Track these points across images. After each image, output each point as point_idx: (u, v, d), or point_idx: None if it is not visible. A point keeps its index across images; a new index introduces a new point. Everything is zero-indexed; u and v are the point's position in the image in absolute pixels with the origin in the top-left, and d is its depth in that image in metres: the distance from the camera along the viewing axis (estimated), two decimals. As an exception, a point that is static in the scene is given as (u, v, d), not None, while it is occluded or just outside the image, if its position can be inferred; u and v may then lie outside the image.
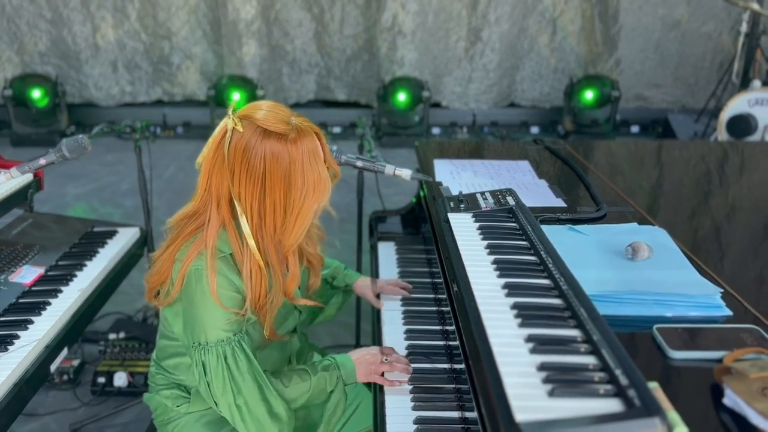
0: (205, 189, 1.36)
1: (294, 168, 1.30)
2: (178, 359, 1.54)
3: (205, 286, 1.31)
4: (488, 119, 6.22)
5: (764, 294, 1.37)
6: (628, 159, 2.40)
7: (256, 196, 1.31)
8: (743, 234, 1.72)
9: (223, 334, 1.34)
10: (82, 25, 5.91)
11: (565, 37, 6.11)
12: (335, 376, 1.49)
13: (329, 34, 6.04)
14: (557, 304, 1.13)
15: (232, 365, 1.34)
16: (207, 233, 1.33)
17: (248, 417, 1.35)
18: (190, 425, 1.55)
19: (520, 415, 0.85)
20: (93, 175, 5.03)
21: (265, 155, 1.28)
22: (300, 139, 1.31)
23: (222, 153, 1.31)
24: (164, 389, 1.59)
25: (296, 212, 1.34)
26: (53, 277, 1.94)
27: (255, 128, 1.29)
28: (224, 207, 1.34)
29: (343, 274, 1.84)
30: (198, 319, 1.34)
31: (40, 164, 1.66)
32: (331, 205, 1.48)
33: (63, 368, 2.65)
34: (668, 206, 1.92)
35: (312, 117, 1.44)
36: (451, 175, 2.00)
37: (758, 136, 4.37)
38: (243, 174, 1.30)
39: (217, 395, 1.35)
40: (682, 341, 1.10)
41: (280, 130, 1.29)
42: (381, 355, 1.53)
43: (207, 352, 1.34)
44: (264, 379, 1.37)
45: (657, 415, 0.81)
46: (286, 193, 1.31)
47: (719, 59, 6.02)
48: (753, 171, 2.30)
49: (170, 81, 6.20)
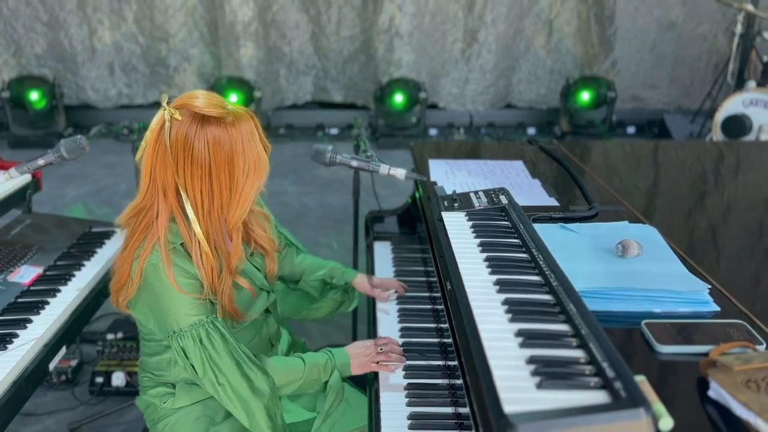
0: (149, 182, 1.40)
1: (236, 149, 1.35)
2: (158, 357, 1.57)
3: (164, 278, 1.36)
4: (485, 120, 6.24)
5: (760, 293, 1.39)
6: (623, 159, 2.42)
7: (204, 180, 1.36)
8: (738, 233, 1.74)
9: (194, 318, 1.39)
10: (78, 28, 5.93)
11: (561, 38, 6.14)
12: (330, 366, 1.52)
13: (326, 36, 6.07)
14: (547, 299, 1.15)
15: (208, 346, 1.38)
16: (157, 226, 1.38)
17: (232, 395, 1.39)
18: (180, 422, 1.57)
19: (508, 406, 0.87)
20: (92, 176, 5.05)
21: (207, 140, 1.33)
22: (237, 121, 1.36)
23: (163, 144, 1.35)
24: (151, 389, 1.62)
25: (239, 191, 1.39)
26: (52, 277, 1.95)
27: (193, 115, 1.34)
28: (171, 197, 1.38)
29: (341, 272, 1.87)
30: (166, 310, 1.39)
31: (38, 165, 1.68)
32: (325, 203, 1.52)
33: (61, 368, 2.66)
34: (664, 206, 1.94)
35: (309, 118, 1.50)
36: (445, 174, 2.02)
37: (753, 137, 4.40)
38: (188, 161, 1.34)
39: (200, 377, 1.40)
40: (669, 336, 1.13)
41: (218, 114, 1.34)
42: (376, 347, 1.56)
43: (183, 337, 1.38)
44: (242, 355, 1.41)
45: (642, 406, 0.83)
46: (230, 175, 1.36)
47: (714, 60, 6.06)
48: (748, 170, 2.33)
49: (167, 83, 6.22)
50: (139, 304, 1.45)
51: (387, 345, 1.57)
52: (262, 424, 1.41)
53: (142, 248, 1.39)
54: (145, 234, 1.40)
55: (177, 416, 1.57)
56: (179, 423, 1.57)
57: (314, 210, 4.42)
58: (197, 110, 1.34)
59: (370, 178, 2.40)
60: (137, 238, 1.41)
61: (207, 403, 1.57)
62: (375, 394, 1.51)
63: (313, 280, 1.85)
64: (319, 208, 4.49)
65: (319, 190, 4.76)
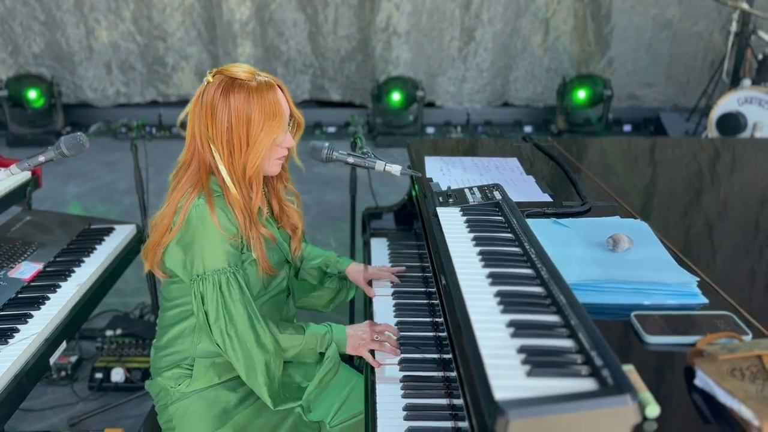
0: (191, 138, 1.55)
1: (253, 108, 1.49)
2: (180, 326, 1.63)
3: (207, 217, 1.48)
4: (482, 118, 6.27)
5: (756, 289, 1.41)
6: (619, 156, 2.45)
7: (224, 135, 1.50)
8: (734, 230, 1.76)
9: (220, 264, 1.49)
10: (75, 28, 5.94)
11: (557, 36, 6.16)
12: (328, 338, 1.62)
13: (323, 35, 6.09)
14: (538, 291, 1.18)
15: (225, 293, 1.48)
16: (201, 176, 1.52)
17: (237, 345, 1.49)
18: (192, 406, 1.60)
19: (499, 393, 0.90)
20: (91, 174, 5.07)
21: (229, 102, 1.49)
22: (261, 87, 1.51)
23: (200, 104, 1.52)
24: (166, 371, 1.65)
25: (255, 139, 1.51)
26: (52, 273, 1.98)
27: (222, 79, 1.51)
28: (207, 151, 1.53)
29: (335, 261, 1.95)
30: (198, 249, 1.49)
31: (39, 161, 1.70)
32: (322, 201, 1.61)
33: (60, 365, 2.69)
34: (660, 203, 1.96)
35: (307, 117, 1.58)
36: (441, 171, 2.04)
37: (747, 134, 4.42)
38: (213, 118, 1.50)
39: (211, 322, 1.50)
40: (658, 327, 1.15)
41: (243, 77, 1.51)
42: (372, 334, 1.63)
43: (204, 281, 1.48)
44: (254, 310, 1.51)
45: (628, 393, 0.86)
46: (248, 130, 1.50)
47: (710, 58, 6.09)
48: (743, 167, 2.35)
49: (165, 82, 6.24)
50: (174, 248, 1.53)
51: (383, 335, 1.64)
52: (260, 379, 1.50)
53: (186, 197, 1.51)
54: (188, 186, 1.52)
55: (190, 400, 1.61)
56: (192, 407, 1.61)
57: (312, 207, 4.45)
58: (227, 73, 1.51)
59: (367, 176, 2.42)
60: (179, 190, 1.53)
61: (220, 389, 1.62)
62: (371, 385, 1.53)
63: (310, 267, 1.92)
64: (316, 205, 4.51)
65: (317, 188, 4.78)
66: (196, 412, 1.60)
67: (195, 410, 1.60)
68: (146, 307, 3.13)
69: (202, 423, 1.59)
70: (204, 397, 1.61)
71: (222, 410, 1.60)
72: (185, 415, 1.61)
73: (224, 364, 1.60)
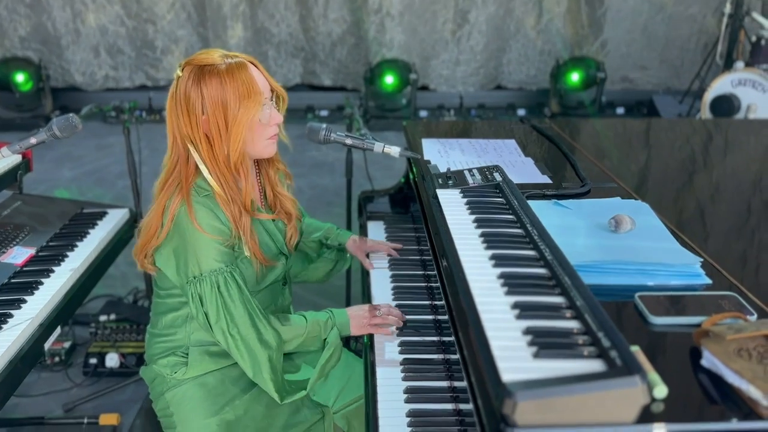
0: (172, 140, 1.50)
1: (227, 90, 1.44)
2: (173, 314, 1.60)
3: (196, 220, 1.44)
4: (475, 102, 6.24)
5: (748, 270, 1.40)
6: (614, 138, 2.43)
7: (201, 125, 1.46)
8: (727, 212, 1.76)
9: (216, 264, 1.45)
10: (61, 10, 5.85)
11: (551, 18, 6.13)
12: (330, 324, 1.59)
13: (313, 18, 6.02)
14: (542, 273, 1.17)
15: (224, 293, 1.45)
16: (186, 177, 1.47)
17: (241, 344, 1.46)
18: (189, 392, 1.59)
19: (506, 375, 0.89)
20: (82, 158, 5.02)
21: (202, 90, 1.44)
22: (230, 66, 1.45)
23: (174, 101, 1.48)
24: (161, 358, 1.63)
25: (233, 123, 1.46)
26: (45, 258, 1.95)
27: (191, 69, 1.46)
28: (189, 148, 1.48)
29: (335, 234, 1.94)
30: (191, 252, 1.46)
31: (30, 143, 1.67)
32: (316, 185, 1.59)
33: (54, 350, 2.67)
34: (654, 183, 1.96)
35: (299, 100, 1.55)
36: (438, 153, 2.02)
37: (741, 116, 4.42)
38: (187, 110, 1.46)
39: (213, 323, 1.47)
40: (662, 308, 1.14)
41: (212, 62, 1.45)
42: (373, 311, 1.63)
43: (201, 282, 1.45)
44: (254, 308, 1.48)
45: (637, 374, 0.85)
46: (224, 114, 1.45)
47: (704, 41, 6.07)
48: (737, 148, 2.35)
49: (154, 65, 6.16)
50: (164, 250, 1.49)
51: (383, 309, 1.64)
52: (266, 375, 1.47)
53: (172, 200, 1.47)
54: (175, 187, 1.48)
55: (187, 386, 1.59)
56: (188, 393, 1.59)
57: (305, 192, 4.42)
58: (198, 62, 1.46)
59: (362, 159, 2.40)
60: (166, 191, 1.49)
61: (218, 374, 1.60)
62: (371, 368, 1.52)
63: (311, 241, 1.91)
64: (309, 189, 4.48)
65: (310, 171, 4.75)
66: (194, 398, 1.58)
67: (192, 396, 1.58)
68: (140, 292, 3.11)
69: (201, 409, 1.57)
70: (202, 383, 1.59)
71: (221, 395, 1.58)
72: (183, 402, 1.59)
73: (220, 352, 1.58)
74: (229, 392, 1.59)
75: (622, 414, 0.85)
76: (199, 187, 1.48)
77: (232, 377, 1.60)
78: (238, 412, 1.57)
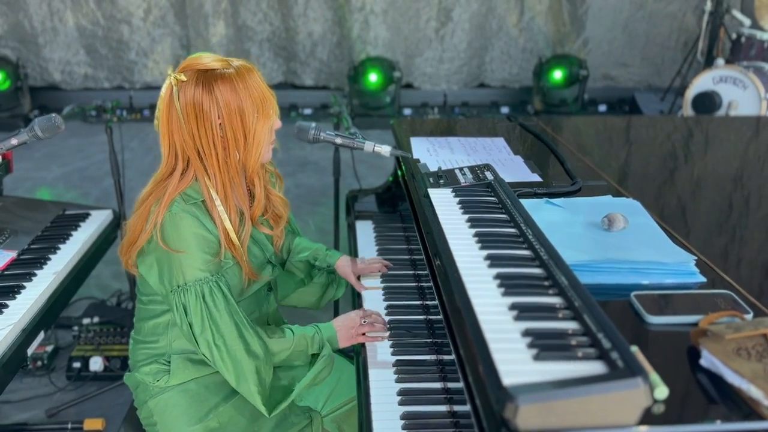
0: (169, 149, 1.44)
1: (243, 100, 1.40)
2: (155, 321, 1.56)
3: (182, 228, 1.40)
4: (459, 100, 6.24)
5: (729, 266, 1.40)
6: (596, 135, 2.44)
7: (218, 134, 1.41)
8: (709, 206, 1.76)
9: (201, 274, 1.41)
10: (38, 8, 5.75)
11: (533, 17, 6.14)
12: (318, 339, 1.54)
13: (293, 18, 5.96)
14: (538, 273, 1.16)
15: (210, 303, 1.40)
16: (176, 185, 1.42)
17: (226, 356, 1.41)
18: (172, 400, 1.55)
19: (507, 378, 0.87)
20: (63, 159, 4.95)
21: (215, 96, 1.38)
22: (241, 72, 1.41)
23: (175, 110, 1.40)
24: (144, 365, 1.60)
25: (252, 135, 1.44)
26: (26, 261, 1.90)
27: (198, 73, 1.39)
28: (194, 159, 1.43)
29: (324, 255, 1.85)
30: (175, 261, 1.40)
31: (11, 144, 1.62)
32: (301, 184, 1.56)
33: (37, 354, 2.61)
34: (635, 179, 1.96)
35: (282, 98, 1.51)
36: (428, 152, 2.01)
37: (723, 113, 4.47)
38: (200, 120, 1.39)
39: (197, 334, 1.41)
40: (658, 307, 1.14)
41: (220, 67, 1.40)
42: (359, 318, 1.59)
43: (186, 292, 1.40)
44: (241, 318, 1.43)
45: (640, 375, 0.84)
46: (242, 123, 1.42)
47: (684, 38, 6.12)
48: (718, 145, 2.36)
49: (133, 63, 6.07)
50: (148, 256, 1.45)
51: (371, 317, 1.60)
52: (252, 386, 1.43)
53: (158, 204, 1.41)
54: (163, 191, 1.43)
55: (170, 394, 1.56)
56: (172, 401, 1.55)
57: (291, 191, 4.38)
58: (201, 66, 1.39)
59: (350, 158, 2.38)
60: (153, 195, 1.43)
61: (201, 381, 1.56)
62: (364, 371, 1.50)
63: (297, 260, 1.83)
64: (295, 188, 4.45)
65: (295, 170, 4.71)
66: (177, 406, 1.55)
67: (176, 404, 1.55)
68: (123, 294, 3.06)
69: (185, 416, 1.53)
70: (185, 390, 1.56)
71: (204, 402, 1.54)
72: (166, 410, 1.55)
73: (202, 360, 1.52)
74: (212, 399, 1.55)
75: (625, 416, 0.85)
76: (187, 195, 1.43)
77: (215, 384, 1.56)
78: (222, 419, 1.53)
